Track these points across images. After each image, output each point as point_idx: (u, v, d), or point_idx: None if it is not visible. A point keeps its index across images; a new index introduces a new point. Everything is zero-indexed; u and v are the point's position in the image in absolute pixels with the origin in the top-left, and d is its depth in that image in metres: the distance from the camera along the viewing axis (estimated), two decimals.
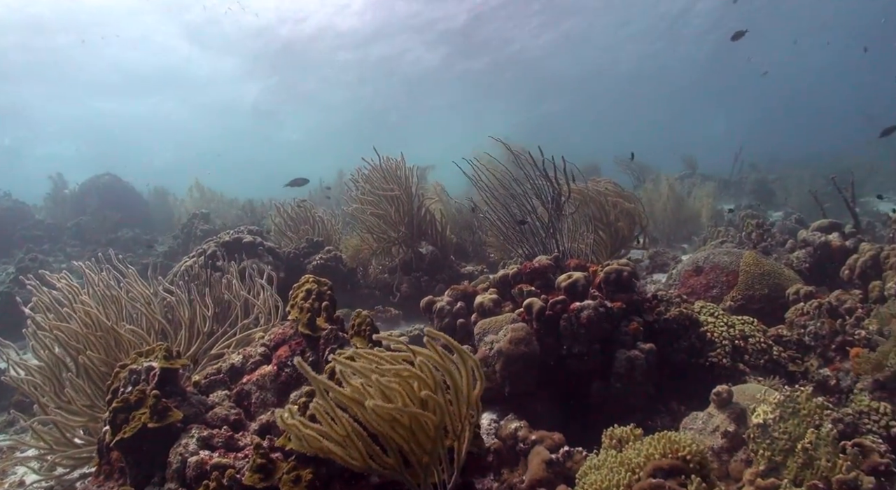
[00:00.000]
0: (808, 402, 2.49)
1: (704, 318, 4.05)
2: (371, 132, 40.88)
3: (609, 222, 6.61)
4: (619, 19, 27.76)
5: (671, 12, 26.36)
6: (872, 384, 3.56)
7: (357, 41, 28.63)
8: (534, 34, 28.89)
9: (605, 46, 31.25)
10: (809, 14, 27.34)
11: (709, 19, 27.04)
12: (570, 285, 3.77)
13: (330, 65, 31.92)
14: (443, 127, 44.68)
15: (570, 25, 28.19)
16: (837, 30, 29.10)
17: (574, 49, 31.06)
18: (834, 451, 2.37)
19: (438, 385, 2.08)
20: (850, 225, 6.28)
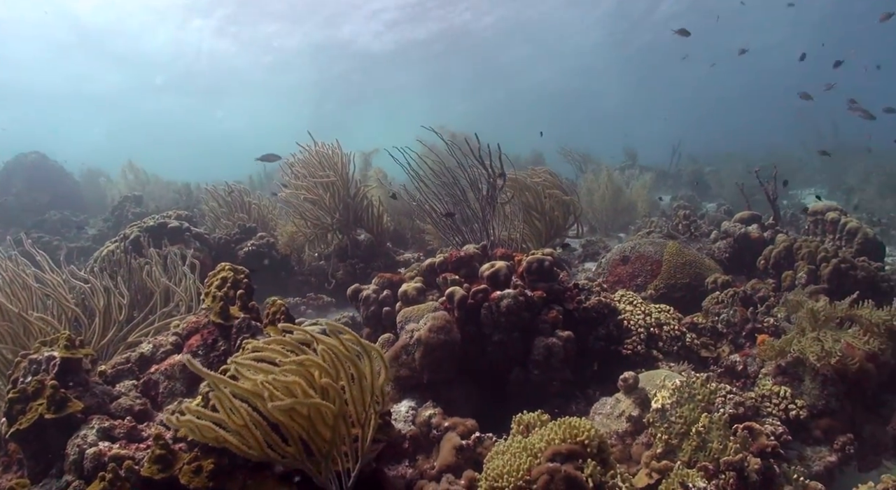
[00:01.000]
0: (702, 387, 2.60)
1: (623, 306, 4.18)
2: (318, 116, 40.19)
3: (544, 211, 6.71)
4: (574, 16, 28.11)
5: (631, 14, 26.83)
6: (775, 369, 3.75)
7: (304, 23, 28.01)
8: (485, 25, 28.93)
9: (556, 37, 31.53)
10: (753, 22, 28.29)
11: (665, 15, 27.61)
12: (492, 274, 3.82)
13: (276, 48, 31.16)
14: (392, 113, 44.27)
15: (526, 16, 28.37)
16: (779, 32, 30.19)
17: (526, 37, 31.23)
18: (725, 434, 2.49)
19: (340, 374, 2.08)
20: (771, 217, 6.55)
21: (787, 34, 30.66)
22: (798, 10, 27.50)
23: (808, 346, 3.27)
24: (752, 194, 8.82)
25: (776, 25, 30.16)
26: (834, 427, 3.55)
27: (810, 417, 3.54)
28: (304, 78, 35.65)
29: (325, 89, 38.39)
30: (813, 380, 3.61)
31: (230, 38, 29.51)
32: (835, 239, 5.74)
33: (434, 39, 29.94)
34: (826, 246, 5.10)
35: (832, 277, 4.85)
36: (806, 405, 3.55)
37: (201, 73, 34.57)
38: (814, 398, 3.58)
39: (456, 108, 43.13)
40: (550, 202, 6.66)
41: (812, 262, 5.00)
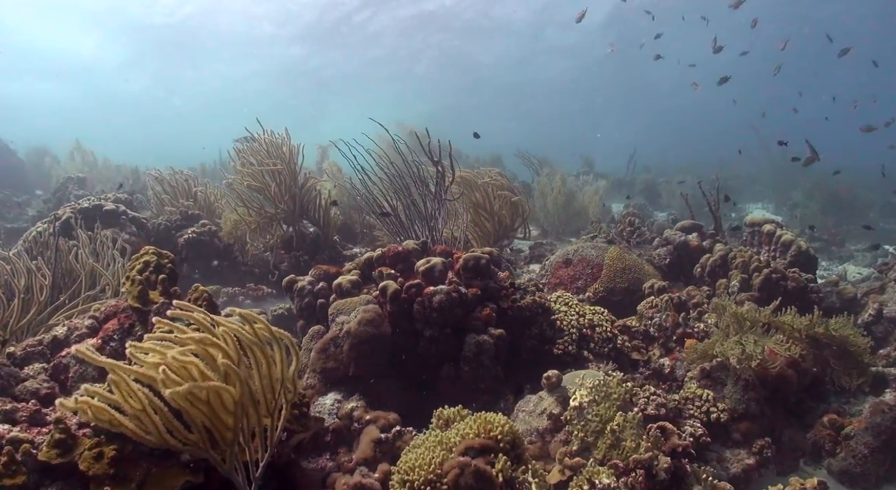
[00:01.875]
0: (618, 387, 2.62)
1: (558, 306, 4.21)
2: (283, 108, 39.52)
3: (493, 211, 6.73)
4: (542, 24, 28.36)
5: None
6: (700, 373, 3.83)
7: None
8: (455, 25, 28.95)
9: (523, 45, 31.79)
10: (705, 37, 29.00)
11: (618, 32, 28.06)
12: (427, 270, 3.80)
13: (239, 36, 30.53)
14: (361, 107, 43.84)
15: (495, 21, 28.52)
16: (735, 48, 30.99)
17: (493, 42, 31.38)
18: (638, 433, 2.52)
19: (243, 358, 2.02)
20: (712, 227, 6.71)
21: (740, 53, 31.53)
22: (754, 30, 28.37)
23: (730, 348, 3.35)
24: (702, 206, 9.03)
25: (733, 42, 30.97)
26: (753, 430, 3.64)
27: (731, 420, 3.63)
28: (270, 66, 35.02)
29: (291, 80, 37.76)
30: (735, 384, 3.70)
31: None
32: (770, 250, 5.92)
33: (406, 30, 29.76)
34: (759, 256, 5.24)
35: (763, 287, 4.98)
36: (727, 409, 3.63)
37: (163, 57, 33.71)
38: (735, 402, 3.66)
39: (419, 107, 43.07)
40: (499, 202, 6.68)
41: (745, 272, 5.13)
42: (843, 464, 3.91)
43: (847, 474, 3.90)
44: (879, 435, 3.90)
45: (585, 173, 15.56)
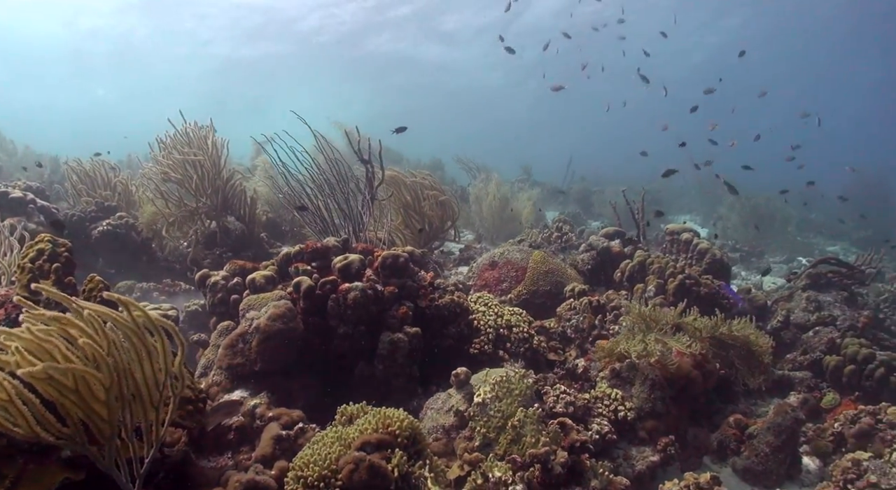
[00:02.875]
0: (520, 382, 2.64)
1: (476, 307, 4.23)
2: (219, 103, 38.36)
3: (422, 213, 6.72)
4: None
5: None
6: (610, 373, 3.92)
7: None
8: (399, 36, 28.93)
9: (467, 53, 32.06)
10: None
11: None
12: (344, 266, 3.74)
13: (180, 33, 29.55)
14: (297, 104, 43.05)
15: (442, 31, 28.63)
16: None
17: (439, 48, 31.53)
18: (538, 429, 2.54)
19: (116, 346, 1.92)
20: (635, 234, 6.90)
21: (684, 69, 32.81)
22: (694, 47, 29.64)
23: (632, 346, 3.44)
24: (620, 214, 9.29)
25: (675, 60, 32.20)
26: (658, 429, 3.75)
27: (637, 419, 3.73)
28: (210, 62, 34.02)
29: (230, 75, 36.76)
30: (642, 384, 3.80)
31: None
32: (688, 257, 6.14)
33: (351, 32, 29.49)
34: (674, 263, 5.43)
35: (677, 292, 5.16)
36: (634, 408, 3.73)
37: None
38: (642, 401, 3.76)
39: (363, 108, 42.78)
40: (429, 204, 6.68)
41: (661, 277, 5.30)
42: (746, 462, 4.07)
43: (750, 472, 4.06)
44: (780, 434, 4.08)
45: (523, 181, 15.82)
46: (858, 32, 28.95)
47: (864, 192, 17.19)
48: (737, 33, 29.19)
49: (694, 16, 26.53)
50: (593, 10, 22.80)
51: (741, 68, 33.66)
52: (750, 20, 27.45)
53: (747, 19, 27.41)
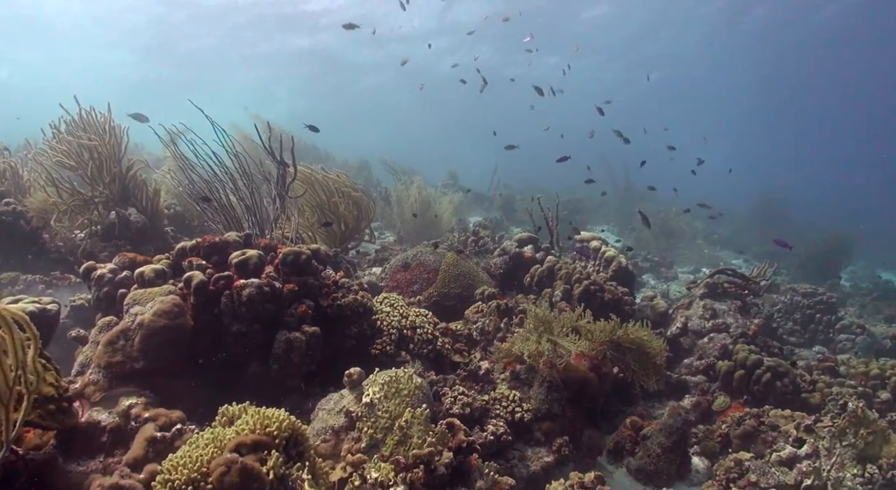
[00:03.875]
0: (409, 382, 2.61)
1: (381, 307, 4.17)
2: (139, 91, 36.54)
3: (338, 213, 6.61)
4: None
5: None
6: (510, 375, 3.96)
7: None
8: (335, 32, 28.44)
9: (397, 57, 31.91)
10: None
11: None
12: (241, 262, 3.60)
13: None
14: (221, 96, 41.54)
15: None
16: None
17: (371, 51, 31.30)
18: (426, 429, 2.51)
19: None
20: (549, 241, 7.04)
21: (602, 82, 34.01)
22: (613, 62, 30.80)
23: (525, 346, 3.48)
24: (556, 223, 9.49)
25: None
26: (554, 430, 3.81)
27: (534, 420, 3.78)
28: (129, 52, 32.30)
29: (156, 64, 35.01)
30: (540, 386, 3.86)
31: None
32: (596, 264, 6.31)
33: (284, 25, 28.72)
34: (580, 269, 5.57)
35: (582, 297, 5.29)
36: (532, 409, 3.78)
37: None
38: (539, 402, 3.82)
39: (291, 106, 41.92)
40: (344, 204, 6.58)
41: (568, 283, 5.43)
42: (639, 462, 4.20)
43: (642, 472, 4.19)
44: (671, 435, 4.23)
45: (450, 186, 15.90)
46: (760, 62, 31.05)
47: (766, 211, 18.37)
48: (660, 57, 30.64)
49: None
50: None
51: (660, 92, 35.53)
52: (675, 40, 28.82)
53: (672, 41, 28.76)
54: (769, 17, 24.20)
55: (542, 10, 23.64)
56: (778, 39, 26.72)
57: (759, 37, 26.57)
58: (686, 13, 24.88)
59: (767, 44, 27.50)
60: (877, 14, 22.29)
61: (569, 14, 25.30)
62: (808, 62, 29.76)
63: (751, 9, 23.68)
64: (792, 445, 4.15)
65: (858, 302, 11.38)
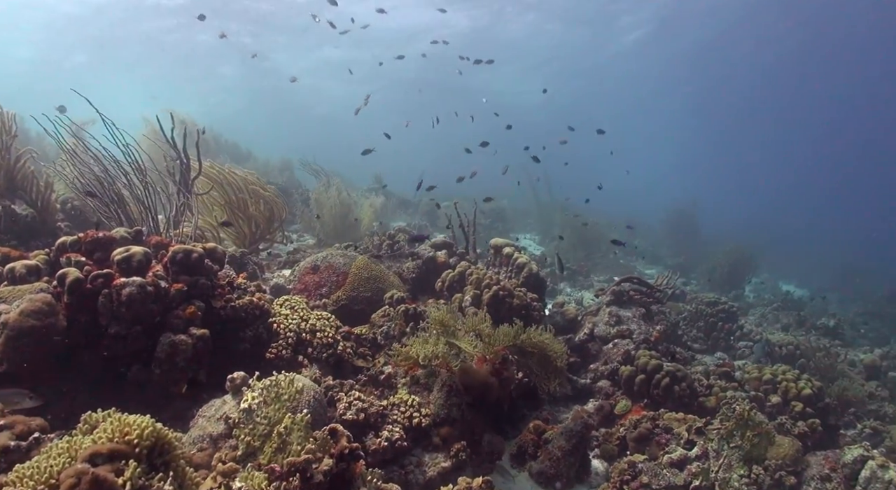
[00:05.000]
0: (289, 387, 2.51)
1: (280, 310, 4.04)
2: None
3: (248, 212, 6.40)
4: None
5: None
6: (410, 380, 3.91)
7: None
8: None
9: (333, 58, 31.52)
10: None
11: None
12: (123, 259, 3.39)
13: None
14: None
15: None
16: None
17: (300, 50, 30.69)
18: (306, 436, 2.42)
19: None
20: (464, 246, 7.06)
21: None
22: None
23: (423, 349, 3.44)
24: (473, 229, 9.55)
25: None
26: (453, 435, 3.77)
27: (433, 425, 3.73)
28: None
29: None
30: (440, 390, 3.82)
31: None
32: (508, 270, 6.37)
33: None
34: (490, 274, 5.60)
35: (491, 302, 5.32)
36: (430, 414, 3.74)
37: None
38: (438, 407, 3.78)
39: (223, 104, 40.57)
40: (255, 204, 6.38)
41: (478, 288, 5.44)
42: (540, 466, 4.24)
43: (543, 475, 4.22)
44: (571, 438, 4.29)
45: (376, 190, 15.77)
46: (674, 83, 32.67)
47: (679, 225, 19.24)
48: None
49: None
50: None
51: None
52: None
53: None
54: (691, 38, 25.45)
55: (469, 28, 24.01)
56: (695, 59, 28.12)
57: (679, 57, 27.88)
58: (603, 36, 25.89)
59: (687, 63, 28.90)
60: (783, 31, 23.83)
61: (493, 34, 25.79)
62: (723, 80, 31.49)
63: (679, 31, 24.83)
64: (683, 447, 4.30)
65: (760, 311, 12.04)
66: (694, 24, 23.91)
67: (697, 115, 40.01)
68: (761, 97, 33.63)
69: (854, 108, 33.46)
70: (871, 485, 4.27)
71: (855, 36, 22.57)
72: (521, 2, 23.00)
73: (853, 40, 23.01)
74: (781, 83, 30.56)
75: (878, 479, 4.27)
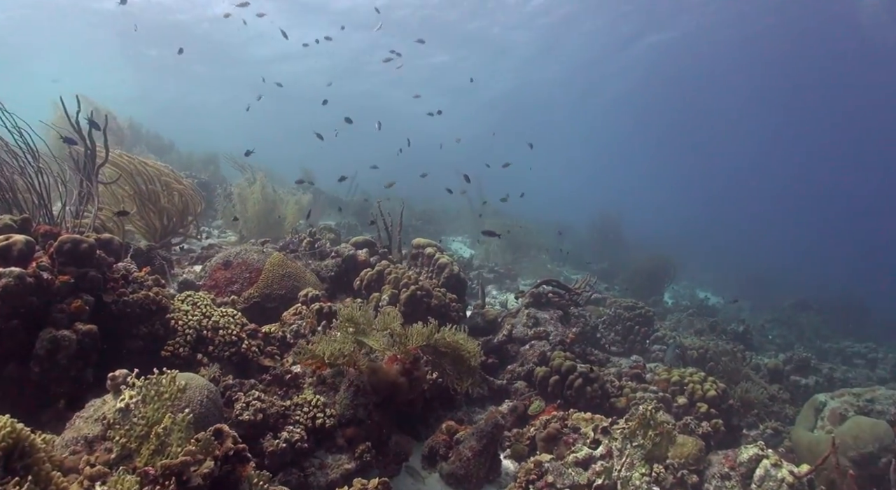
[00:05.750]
0: (171, 385, 2.37)
1: (180, 305, 3.84)
2: None
3: (159, 204, 6.11)
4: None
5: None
6: (316, 379, 3.81)
7: None
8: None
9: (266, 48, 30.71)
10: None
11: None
12: (3, 248, 3.13)
13: None
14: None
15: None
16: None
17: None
18: (187, 437, 2.29)
19: None
20: (387, 245, 7.00)
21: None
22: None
23: (328, 347, 3.36)
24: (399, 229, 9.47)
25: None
26: (359, 436, 3.69)
27: (337, 426, 3.64)
28: None
29: None
30: (347, 390, 3.73)
31: None
32: (429, 271, 6.34)
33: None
34: (409, 274, 5.55)
35: (409, 302, 5.27)
36: (335, 414, 3.64)
37: None
38: (344, 408, 3.69)
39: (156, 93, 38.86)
40: (168, 196, 6.11)
41: (396, 287, 5.38)
42: (451, 467, 4.21)
43: (453, 476, 4.20)
44: (482, 439, 4.28)
45: (306, 187, 15.45)
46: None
47: (605, 231, 19.81)
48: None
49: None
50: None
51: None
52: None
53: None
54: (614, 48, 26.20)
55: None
56: (623, 69, 28.98)
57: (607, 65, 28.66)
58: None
59: (614, 73, 29.73)
60: (702, 44, 24.83)
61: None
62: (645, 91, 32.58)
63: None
64: (589, 447, 4.37)
65: (676, 317, 12.51)
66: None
67: (631, 120, 41.17)
68: (693, 104, 34.74)
69: (781, 123, 35.09)
70: (764, 482, 4.46)
71: (784, 44, 23.63)
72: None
73: (785, 49, 24.12)
74: (713, 91, 31.65)
75: (772, 477, 4.45)
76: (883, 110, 27.42)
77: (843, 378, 9.29)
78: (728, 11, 21.04)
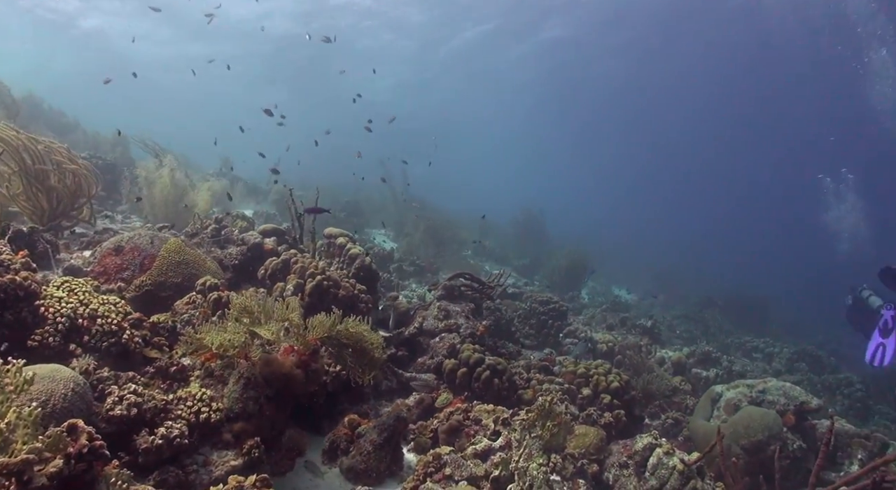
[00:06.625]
0: (15, 377, 2.16)
1: (53, 291, 3.55)
2: None
3: (49, 186, 5.68)
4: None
5: None
6: (204, 371, 3.61)
7: None
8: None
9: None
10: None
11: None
12: None
13: None
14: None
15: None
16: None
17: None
18: (34, 433, 2.08)
19: None
20: (297, 234, 6.78)
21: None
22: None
23: (216, 336, 3.19)
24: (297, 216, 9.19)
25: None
26: (248, 431, 3.51)
27: (225, 421, 3.46)
28: None
29: None
30: (236, 383, 3.56)
31: None
32: (341, 261, 6.20)
33: None
34: (316, 264, 5.39)
35: (314, 292, 5.11)
36: (223, 408, 3.46)
37: None
38: (233, 401, 3.52)
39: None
40: (58, 175, 5.68)
41: (301, 277, 5.21)
42: (351, 461, 4.10)
43: (353, 471, 4.09)
44: (383, 432, 4.20)
45: (224, 175, 14.88)
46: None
47: (527, 227, 20.16)
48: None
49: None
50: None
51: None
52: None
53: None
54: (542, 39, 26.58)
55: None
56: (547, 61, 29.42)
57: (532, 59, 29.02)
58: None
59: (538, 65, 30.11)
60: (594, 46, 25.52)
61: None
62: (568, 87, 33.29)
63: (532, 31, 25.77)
64: (489, 438, 4.38)
65: (591, 312, 12.86)
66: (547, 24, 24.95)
67: (552, 118, 41.88)
68: (613, 103, 35.70)
69: (695, 122, 36.51)
70: (657, 470, 4.59)
71: (695, 49, 24.62)
72: None
73: (696, 54, 25.11)
74: (631, 90, 32.60)
75: (664, 464, 4.59)
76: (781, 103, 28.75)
77: (742, 371, 9.80)
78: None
